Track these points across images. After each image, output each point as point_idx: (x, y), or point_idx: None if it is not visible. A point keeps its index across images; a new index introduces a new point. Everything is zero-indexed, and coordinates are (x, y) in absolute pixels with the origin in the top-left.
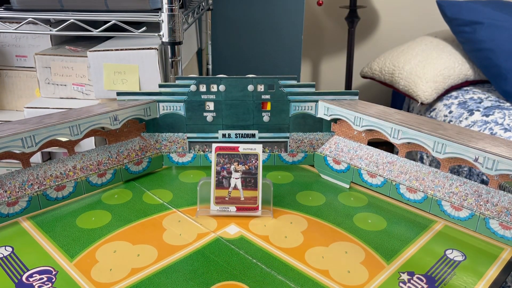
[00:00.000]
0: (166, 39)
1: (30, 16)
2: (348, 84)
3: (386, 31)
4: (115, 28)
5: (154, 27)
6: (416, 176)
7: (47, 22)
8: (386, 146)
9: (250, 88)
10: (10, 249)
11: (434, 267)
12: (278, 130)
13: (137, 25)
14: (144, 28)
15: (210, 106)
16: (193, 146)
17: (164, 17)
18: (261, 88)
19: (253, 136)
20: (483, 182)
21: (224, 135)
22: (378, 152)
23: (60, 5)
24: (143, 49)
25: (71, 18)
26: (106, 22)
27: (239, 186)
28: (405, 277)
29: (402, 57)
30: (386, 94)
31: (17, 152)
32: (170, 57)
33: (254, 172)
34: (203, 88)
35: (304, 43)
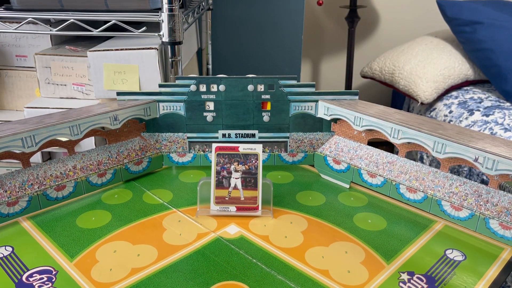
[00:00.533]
0: (166, 39)
1: (30, 16)
2: (348, 84)
3: (386, 31)
4: (115, 28)
5: (154, 27)
6: (416, 176)
7: (47, 22)
8: (386, 146)
9: (250, 88)
10: (10, 249)
11: (434, 267)
12: (278, 130)
13: (137, 25)
14: (144, 28)
15: (210, 106)
16: (193, 146)
17: (164, 17)
18: (261, 88)
19: (253, 136)
20: (483, 182)
21: (224, 135)
22: (378, 152)
23: (60, 5)
24: (143, 49)
25: (71, 18)
26: (106, 22)
27: (239, 186)
28: (405, 277)
29: (402, 57)
30: (386, 94)
31: (17, 152)
32: (170, 57)
33: (254, 172)
34: (203, 88)
35: (304, 43)
